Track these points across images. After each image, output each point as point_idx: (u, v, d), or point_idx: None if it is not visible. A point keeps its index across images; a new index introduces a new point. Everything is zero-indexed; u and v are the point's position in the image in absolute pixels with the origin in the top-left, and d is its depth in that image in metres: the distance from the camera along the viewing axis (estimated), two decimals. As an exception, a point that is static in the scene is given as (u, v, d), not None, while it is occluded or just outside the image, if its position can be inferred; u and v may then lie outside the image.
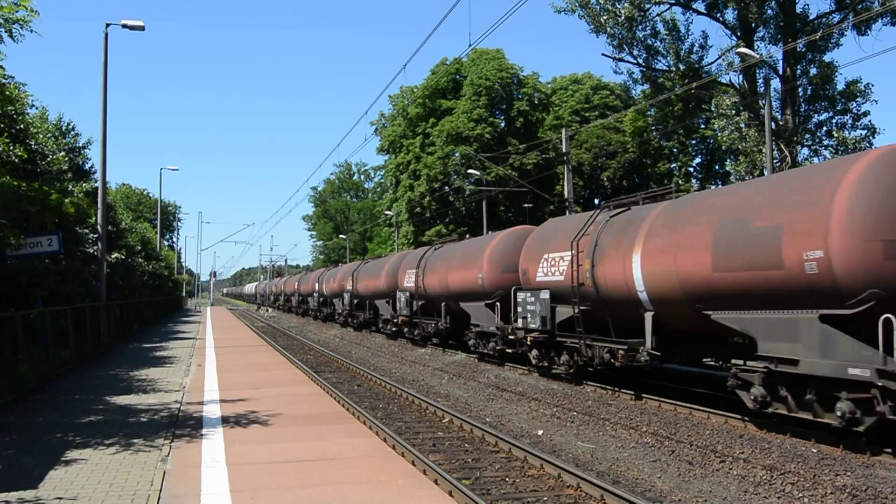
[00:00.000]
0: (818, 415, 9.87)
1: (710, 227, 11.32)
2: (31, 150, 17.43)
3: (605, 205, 16.02)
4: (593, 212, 16.11)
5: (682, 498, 8.18)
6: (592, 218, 15.40)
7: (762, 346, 10.52)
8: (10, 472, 8.38)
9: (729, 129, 32.45)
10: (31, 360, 15.63)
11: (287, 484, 7.91)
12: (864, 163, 9.50)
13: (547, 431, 11.71)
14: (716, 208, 11.64)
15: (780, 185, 10.86)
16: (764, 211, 10.47)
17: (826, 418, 9.74)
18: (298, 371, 18.90)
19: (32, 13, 11.73)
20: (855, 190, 9.23)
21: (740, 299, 10.78)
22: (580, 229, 15.25)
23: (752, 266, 10.39)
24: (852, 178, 9.37)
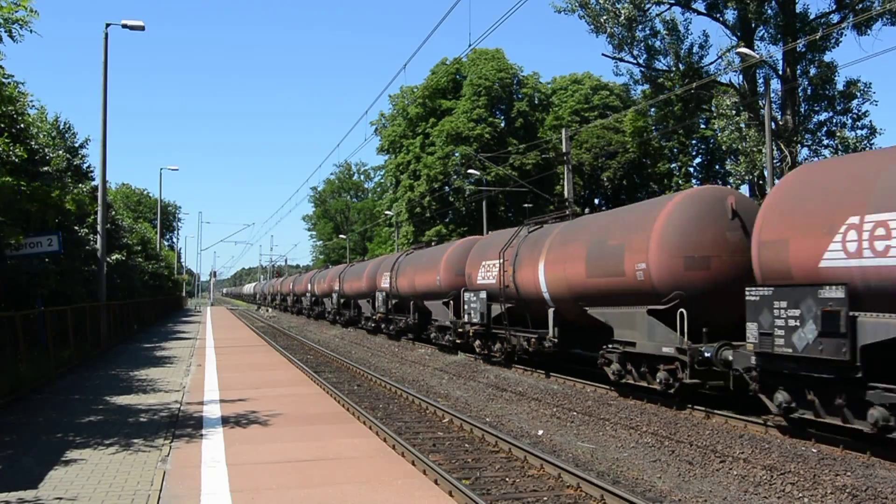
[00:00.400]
0: (650, 382, 13.43)
1: (585, 245, 15.08)
2: (31, 150, 17.42)
3: (527, 222, 19.52)
4: (518, 227, 19.56)
5: (682, 498, 8.18)
6: (516, 233, 18.95)
7: (616, 332, 14.11)
8: (10, 472, 8.39)
9: (729, 129, 32.46)
10: (31, 360, 15.63)
11: (287, 484, 7.91)
12: (672, 202, 13.30)
13: (547, 431, 11.72)
14: (589, 230, 15.48)
15: (625, 215, 14.85)
16: (615, 233, 14.24)
17: (653, 384, 13.24)
18: (298, 371, 18.91)
19: (32, 13, 11.71)
20: (665, 221, 12.94)
21: (603, 298, 14.44)
22: (507, 242, 18.87)
23: (608, 274, 14.06)
24: (664, 213, 13.07)
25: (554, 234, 16.78)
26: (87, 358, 20.81)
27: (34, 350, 16.30)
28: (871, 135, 32.69)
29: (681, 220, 12.77)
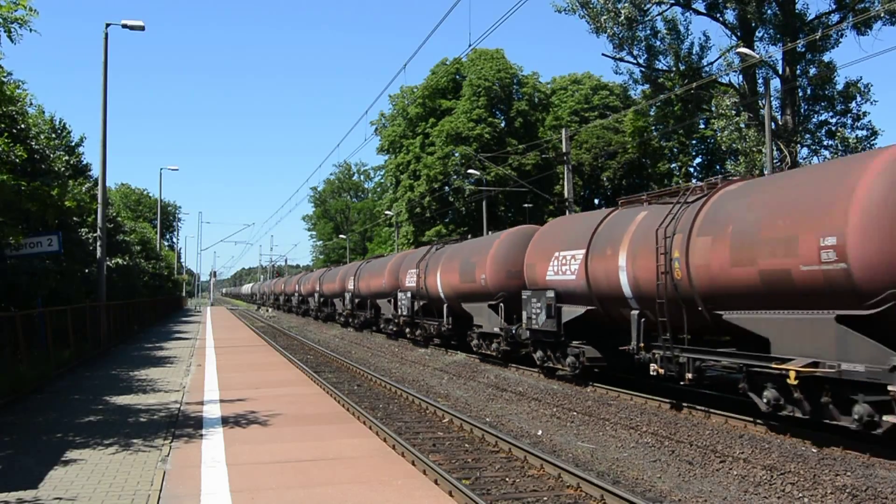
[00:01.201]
0: (491, 350, 20.19)
1: (459, 261, 21.96)
2: (31, 150, 17.42)
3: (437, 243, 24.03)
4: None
5: (682, 498, 8.18)
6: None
7: (475, 319, 20.82)
8: (9, 472, 8.38)
9: (729, 129, 32.46)
10: (31, 360, 15.63)
11: (287, 484, 7.91)
12: (504, 233, 20.71)
13: (547, 431, 11.71)
14: (463, 251, 22.43)
15: (476, 243, 22.33)
16: (473, 254, 21.11)
17: (490, 352, 20.34)
18: (298, 371, 18.90)
19: (31, 12, 11.70)
20: (495, 248, 19.86)
21: (468, 296, 21.25)
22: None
23: (469, 281, 20.85)
24: (497, 241, 20.22)
25: (447, 252, 23.85)
26: (87, 358, 20.81)
27: (34, 350, 16.30)
28: (871, 135, 32.72)
29: (504, 248, 19.67)
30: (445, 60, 60.31)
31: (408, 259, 28.56)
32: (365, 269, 35.85)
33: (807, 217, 9.68)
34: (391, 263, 30.61)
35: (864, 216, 8.89)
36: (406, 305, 27.02)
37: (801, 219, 9.78)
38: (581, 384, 15.81)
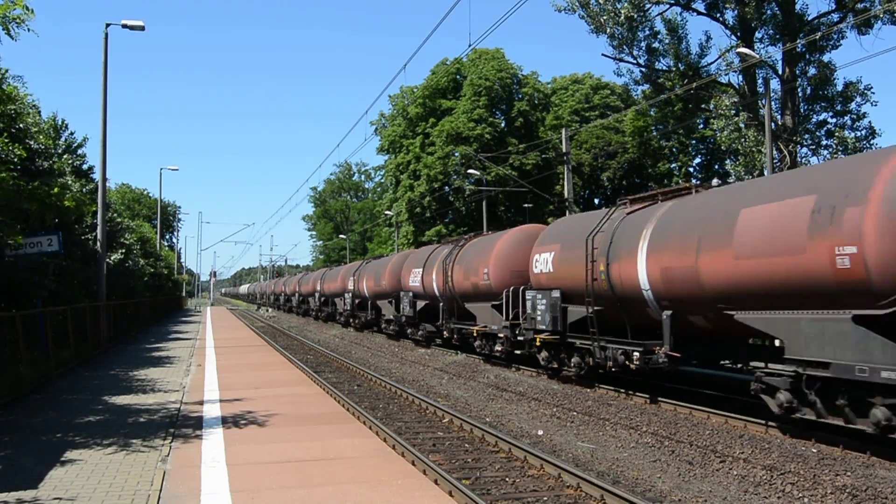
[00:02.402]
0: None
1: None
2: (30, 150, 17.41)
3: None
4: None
5: (682, 498, 8.18)
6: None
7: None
8: (9, 472, 8.38)
9: (728, 129, 32.46)
10: (31, 360, 15.62)
11: (287, 484, 7.90)
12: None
13: (547, 431, 11.71)
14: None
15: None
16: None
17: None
18: (298, 371, 18.90)
19: (28, 12, 11.70)
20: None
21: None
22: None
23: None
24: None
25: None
26: (87, 358, 20.80)
27: (34, 350, 16.28)
28: (870, 136, 32.71)
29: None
30: (445, 60, 60.31)
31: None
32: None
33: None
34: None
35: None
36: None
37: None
38: (580, 384, 15.80)
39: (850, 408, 9.22)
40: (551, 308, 16.36)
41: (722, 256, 11.01)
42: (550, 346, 16.77)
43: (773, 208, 10.32)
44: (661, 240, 12.65)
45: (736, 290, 10.85)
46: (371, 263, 36.19)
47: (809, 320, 9.71)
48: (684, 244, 11.95)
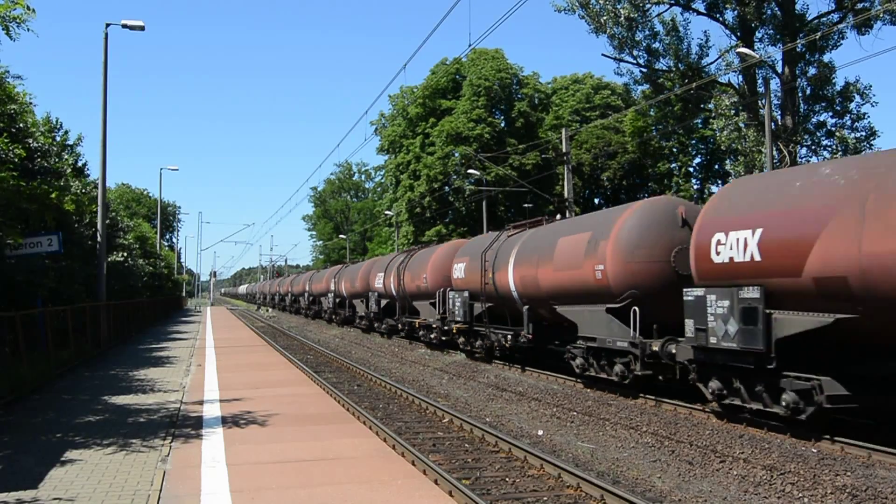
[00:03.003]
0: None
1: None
2: (29, 149, 17.41)
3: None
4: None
5: (682, 498, 8.18)
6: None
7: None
8: (9, 472, 8.38)
9: (728, 129, 32.47)
10: (31, 360, 15.62)
11: (287, 484, 7.90)
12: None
13: (547, 431, 11.71)
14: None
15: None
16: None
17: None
18: (298, 371, 18.90)
19: (29, 11, 11.70)
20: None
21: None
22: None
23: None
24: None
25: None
26: (87, 358, 20.80)
27: (34, 350, 16.28)
28: (870, 136, 32.73)
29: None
30: (445, 60, 60.31)
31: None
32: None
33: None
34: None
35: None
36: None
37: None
38: (580, 384, 15.82)
39: (607, 366, 14.51)
40: (462, 304, 21.24)
41: (548, 269, 16.20)
42: (463, 332, 21.61)
43: (572, 238, 15.65)
44: (521, 257, 17.82)
45: (556, 291, 16.05)
46: (349, 268, 40.83)
47: (587, 311, 15.00)
48: (531, 260, 17.16)
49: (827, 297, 9.35)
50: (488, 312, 19.72)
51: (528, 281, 17.16)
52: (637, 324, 13.41)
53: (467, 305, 20.80)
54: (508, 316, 19.02)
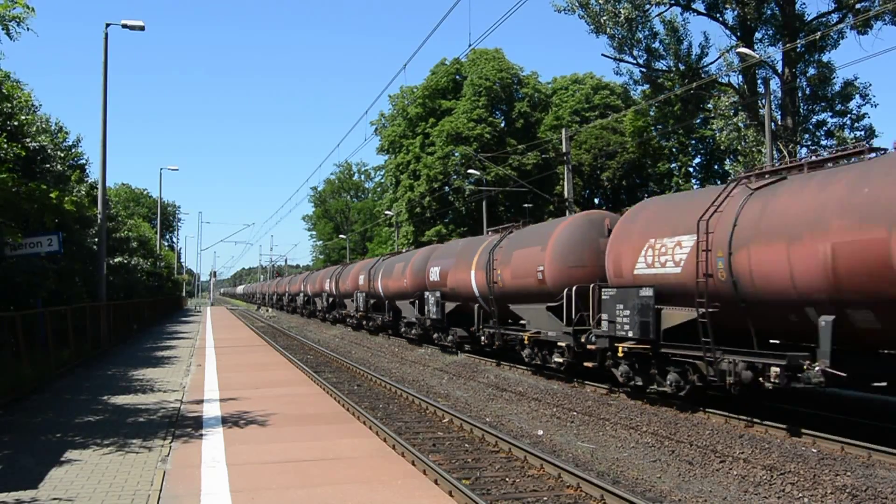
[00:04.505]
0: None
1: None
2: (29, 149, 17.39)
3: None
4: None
5: (682, 498, 8.18)
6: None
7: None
8: (9, 472, 8.38)
9: (728, 129, 32.47)
10: (30, 360, 15.61)
11: (287, 484, 7.90)
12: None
13: (547, 431, 11.71)
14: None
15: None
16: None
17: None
18: (298, 371, 18.90)
19: (29, 10, 11.69)
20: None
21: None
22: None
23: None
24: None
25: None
26: (87, 358, 20.80)
27: (34, 350, 16.27)
28: (870, 136, 32.74)
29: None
30: (445, 60, 60.31)
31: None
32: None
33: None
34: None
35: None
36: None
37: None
38: (580, 384, 15.80)
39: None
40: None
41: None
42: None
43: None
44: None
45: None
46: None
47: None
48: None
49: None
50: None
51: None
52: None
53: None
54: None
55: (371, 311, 34.38)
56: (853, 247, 9.28)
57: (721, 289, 11.42)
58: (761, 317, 11.10)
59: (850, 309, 9.54)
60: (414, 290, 26.88)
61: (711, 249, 11.55)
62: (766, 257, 10.59)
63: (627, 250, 13.80)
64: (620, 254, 14.04)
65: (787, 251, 10.19)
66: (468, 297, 21.65)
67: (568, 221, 17.52)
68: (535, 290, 17.12)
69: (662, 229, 13.07)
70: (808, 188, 10.48)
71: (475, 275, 20.83)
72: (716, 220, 11.63)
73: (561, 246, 16.49)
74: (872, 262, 9.03)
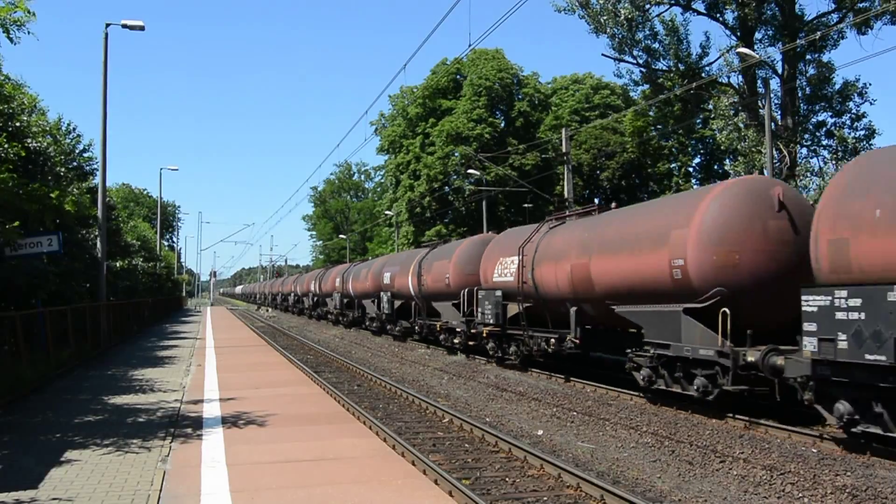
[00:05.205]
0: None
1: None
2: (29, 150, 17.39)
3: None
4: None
5: (682, 498, 8.18)
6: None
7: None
8: (9, 472, 8.38)
9: (728, 129, 32.46)
10: (31, 360, 15.62)
11: (287, 484, 7.90)
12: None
13: (547, 431, 11.71)
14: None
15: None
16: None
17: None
18: (298, 371, 18.90)
19: (29, 15, 11.70)
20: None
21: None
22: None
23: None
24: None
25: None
26: (87, 358, 20.80)
27: (34, 350, 16.28)
28: (869, 135, 32.72)
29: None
30: (445, 60, 60.30)
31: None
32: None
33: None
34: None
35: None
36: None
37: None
38: (580, 384, 15.81)
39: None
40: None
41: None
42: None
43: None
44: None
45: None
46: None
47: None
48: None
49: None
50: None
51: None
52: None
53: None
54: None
55: (345, 308, 40.64)
56: (578, 267, 15.12)
57: (530, 291, 17.52)
58: (549, 309, 17.13)
59: (581, 303, 15.56)
60: (374, 290, 32.43)
61: (525, 266, 17.59)
62: (546, 272, 16.63)
63: (490, 265, 20.00)
64: (486, 267, 20.21)
65: (555, 268, 16.19)
66: (408, 297, 27.60)
67: (467, 241, 23.76)
68: (445, 291, 23.21)
69: (505, 251, 19.22)
70: (566, 230, 16.90)
71: (411, 279, 26.57)
72: (528, 247, 17.74)
73: (460, 259, 22.47)
74: (585, 276, 14.85)
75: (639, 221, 13.86)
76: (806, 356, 9.64)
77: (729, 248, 11.51)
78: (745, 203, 11.74)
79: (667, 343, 12.44)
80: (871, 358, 8.56)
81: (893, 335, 8.32)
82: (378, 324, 31.74)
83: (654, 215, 13.71)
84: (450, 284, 22.40)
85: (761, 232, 11.54)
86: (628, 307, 13.65)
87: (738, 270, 11.47)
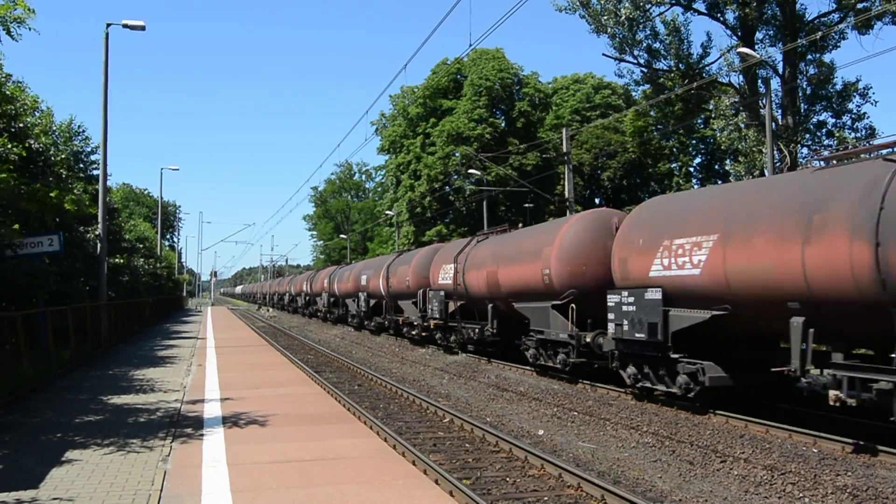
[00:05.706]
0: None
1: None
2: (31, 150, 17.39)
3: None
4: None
5: (682, 498, 8.17)
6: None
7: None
8: (9, 472, 8.38)
9: (728, 129, 32.44)
10: (31, 359, 15.61)
11: (287, 484, 7.90)
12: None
13: (548, 431, 11.71)
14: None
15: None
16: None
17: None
18: (299, 371, 18.90)
19: (29, 12, 11.71)
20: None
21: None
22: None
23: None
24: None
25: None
26: (88, 358, 20.81)
27: (34, 350, 16.28)
28: (870, 136, 32.69)
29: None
30: (446, 60, 60.26)
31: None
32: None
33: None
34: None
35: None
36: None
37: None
38: (580, 384, 15.80)
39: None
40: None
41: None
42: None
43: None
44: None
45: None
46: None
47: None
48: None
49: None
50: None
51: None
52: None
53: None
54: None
55: (331, 306, 45.08)
56: (492, 274, 19.35)
57: (462, 292, 21.65)
58: (475, 306, 21.22)
59: (495, 301, 19.68)
60: (354, 291, 36.50)
61: (459, 272, 21.66)
62: (473, 276, 20.72)
63: (436, 270, 24.04)
64: (434, 272, 24.38)
65: (477, 274, 20.28)
66: (380, 296, 31.58)
67: (423, 250, 27.96)
68: (406, 291, 27.01)
69: (446, 259, 23.21)
70: (487, 245, 20.89)
71: (382, 281, 30.61)
72: (461, 257, 21.86)
73: (417, 265, 26.38)
74: (496, 280, 19.10)
75: (526, 241, 18.32)
76: (610, 336, 14.03)
77: (579, 262, 15.69)
78: (591, 229, 15.89)
79: (542, 329, 16.79)
80: (638, 336, 12.92)
81: (647, 320, 12.60)
82: (358, 320, 36.37)
83: (534, 236, 18.29)
84: (410, 286, 26.82)
85: (602, 250, 15.26)
86: (521, 304, 17.94)
87: (585, 277, 15.54)
